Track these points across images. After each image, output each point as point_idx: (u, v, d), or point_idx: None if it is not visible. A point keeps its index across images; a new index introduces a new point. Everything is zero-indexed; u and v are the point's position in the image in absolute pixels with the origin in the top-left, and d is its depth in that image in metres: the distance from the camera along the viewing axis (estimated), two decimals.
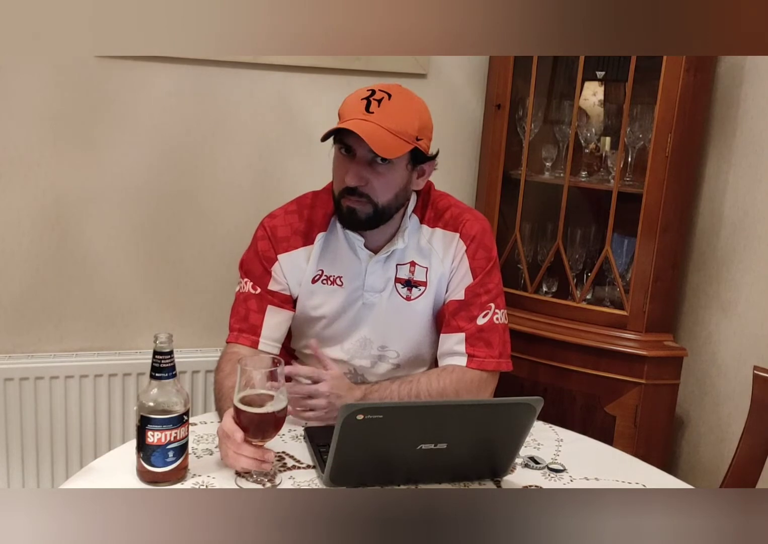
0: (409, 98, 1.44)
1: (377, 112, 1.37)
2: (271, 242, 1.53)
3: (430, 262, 1.53)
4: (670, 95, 1.91)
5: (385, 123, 1.36)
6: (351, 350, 1.56)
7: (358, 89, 1.44)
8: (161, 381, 1.16)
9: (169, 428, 1.14)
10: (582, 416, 2.04)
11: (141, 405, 1.15)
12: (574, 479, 1.30)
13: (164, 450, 1.15)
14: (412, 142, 1.40)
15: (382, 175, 1.41)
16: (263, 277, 1.52)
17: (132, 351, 2.16)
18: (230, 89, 2.11)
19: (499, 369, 1.51)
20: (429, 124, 1.46)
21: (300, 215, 1.55)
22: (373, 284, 1.53)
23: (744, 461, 1.47)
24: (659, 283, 2.00)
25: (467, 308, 1.51)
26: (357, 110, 1.38)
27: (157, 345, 1.16)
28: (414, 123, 1.40)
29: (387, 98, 1.39)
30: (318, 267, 1.54)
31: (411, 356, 1.58)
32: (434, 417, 1.18)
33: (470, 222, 1.54)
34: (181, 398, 1.17)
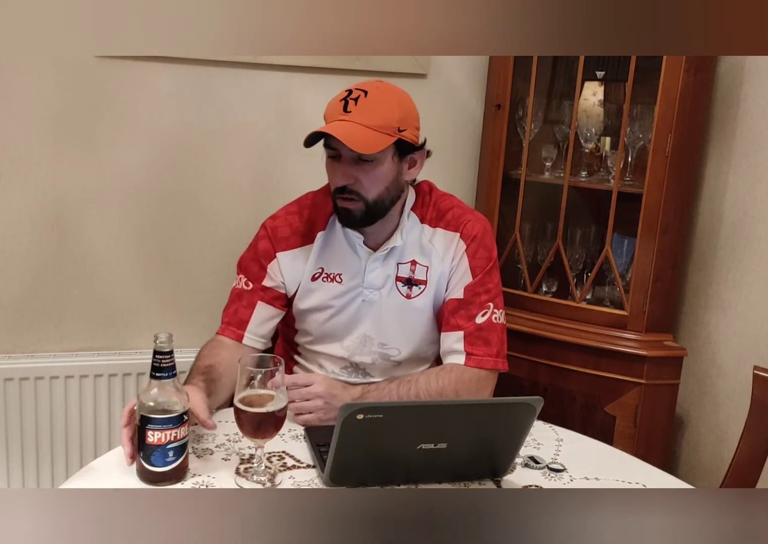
0: (388, 91, 1.46)
1: (354, 111, 1.39)
2: (271, 242, 1.55)
3: (430, 261, 1.55)
4: (670, 95, 1.91)
5: (362, 120, 1.38)
6: (351, 347, 1.57)
7: (340, 92, 1.45)
8: (161, 381, 1.16)
9: (169, 428, 1.14)
10: (582, 416, 2.04)
11: (141, 405, 1.15)
12: (574, 479, 1.30)
13: (164, 450, 1.15)
14: (394, 134, 1.41)
15: (369, 171, 1.43)
16: (258, 273, 1.54)
17: (132, 351, 2.16)
18: (230, 89, 2.12)
19: (496, 368, 1.51)
20: (412, 113, 1.47)
21: (300, 215, 1.57)
22: (372, 281, 1.54)
23: (744, 461, 1.47)
24: (659, 283, 2.00)
25: (466, 307, 1.52)
26: (336, 112, 1.42)
27: (157, 345, 1.16)
28: (393, 115, 1.42)
29: (363, 96, 1.41)
30: (318, 265, 1.55)
31: (412, 353, 1.59)
32: (434, 417, 1.18)
33: (471, 222, 1.56)
34: (181, 397, 1.17)
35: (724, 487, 1.48)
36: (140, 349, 2.16)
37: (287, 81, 2.15)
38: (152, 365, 1.16)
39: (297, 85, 2.16)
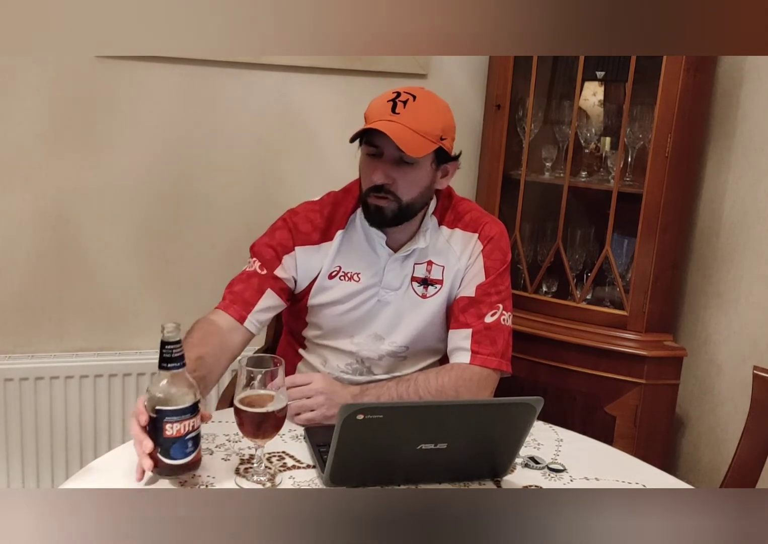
0: (434, 99, 1.49)
1: (403, 113, 1.41)
2: (291, 233, 1.55)
3: (447, 260, 1.57)
4: (670, 95, 1.91)
5: (410, 123, 1.40)
6: (361, 343, 1.58)
7: (385, 92, 1.47)
8: (173, 371, 1.13)
9: (187, 418, 1.12)
10: (582, 416, 2.04)
11: (153, 398, 1.12)
12: (574, 479, 1.30)
13: (184, 441, 1.13)
14: (437, 141, 1.43)
15: (408, 173, 1.44)
16: (273, 261, 1.54)
17: (132, 351, 2.16)
18: (230, 89, 2.12)
19: (500, 369, 1.51)
20: (452, 124, 1.49)
21: (321, 213, 1.57)
22: (390, 282, 1.55)
23: (744, 461, 1.47)
24: (659, 283, 2.00)
25: (477, 306, 1.53)
26: (383, 112, 1.42)
27: (165, 335, 1.12)
28: (438, 123, 1.44)
29: (412, 99, 1.43)
30: (336, 263, 1.56)
31: (419, 350, 1.60)
32: (434, 417, 1.18)
33: (489, 224, 1.59)
34: (192, 386, 1.15)
35: (724, 487, 1.48)
36: (140, 349, 2.17)
37: (287, 81, 2.15)
38: (162, 357, 1.12)
39: (297, 85, 2.16)
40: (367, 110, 1.47)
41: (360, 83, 2.20)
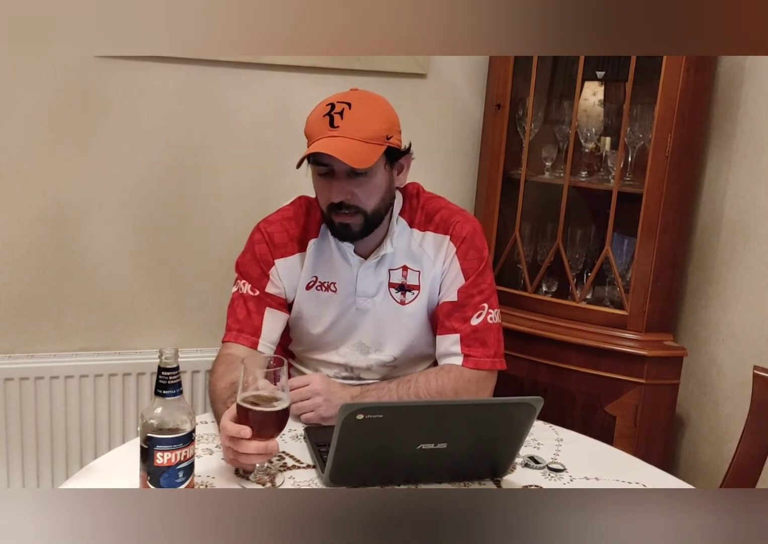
0: (369, 100, 1.45)
1: (342, 125, 1.37)
2: (268, 247, 1.53)
3: (422, 266, 1.54)
4: (670, 95, 1.91)
5: (352, 133, 1.37)
6: (347, 354, 1.58)
7: (317, 106, 1.44)
8: (168, 399, 1.08)
9: (179, 448, 1.08)
10: (582, 416, 2.04)
11: (146, 425, 1.08)
12: (574, 479, 1.30)
13: (174, 471, 1.09)
14: (383, 142, 1.40)
15: (364, 184, 1.42)
16: (261, 279, 1.53)
17: (132, 351, 2.16)
18: (230, 89, 2.11)
19: (494, 368, 1.51)
20: (394, 117, 1.46)
21: (296, 221, 1.56)
22: (365, 290, 1.53)
23: (744, 461, 1.47)
24: (659, 283, 2.00)
25: (461, 310, 1.51)
26: (322, 128, 1.39)
27: (162, 361, 1.07)
28: (380, 124, 1.41)
29: (348, 108, 1.39)
30: (312, 274, 1.54)
31: (407, 357, 1.59)
32: (434, 417, 1.18)
33: (460, 224, 1.54)
34: (189, 414, 1.10)
35: (724, 487, 1.48)
36: (140, 349, 2.16)
37: (287, 81, 2.15)
38: (158, 383, 1.08)
39: (297, 85, 2.16)
40: (306, 128, 1.44)
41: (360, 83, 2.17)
